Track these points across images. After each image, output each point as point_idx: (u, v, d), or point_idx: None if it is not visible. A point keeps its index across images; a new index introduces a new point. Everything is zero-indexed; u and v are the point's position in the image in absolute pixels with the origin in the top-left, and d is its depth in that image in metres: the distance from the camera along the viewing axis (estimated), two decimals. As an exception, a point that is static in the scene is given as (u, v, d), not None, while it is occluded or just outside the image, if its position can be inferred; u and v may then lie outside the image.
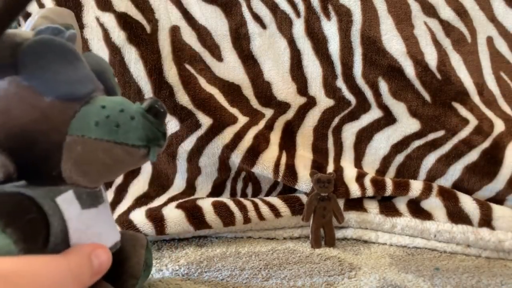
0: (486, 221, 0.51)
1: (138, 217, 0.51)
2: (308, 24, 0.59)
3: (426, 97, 0.57)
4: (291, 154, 0.59)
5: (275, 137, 0.60)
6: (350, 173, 0.58)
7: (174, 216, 0.51)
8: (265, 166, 0.56)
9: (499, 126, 0.57)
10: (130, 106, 0.26)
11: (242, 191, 0.60)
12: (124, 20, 0.55)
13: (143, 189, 0.58)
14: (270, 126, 0.60)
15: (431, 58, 0.57)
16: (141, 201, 0.56)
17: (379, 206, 0.55)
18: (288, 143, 0.60)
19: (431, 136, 0.57)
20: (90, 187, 0.27)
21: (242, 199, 0.55)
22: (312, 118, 0.60)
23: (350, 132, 0.60)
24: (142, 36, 0.56)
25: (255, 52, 0.60)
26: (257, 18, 0.59)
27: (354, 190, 0.55)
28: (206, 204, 0.53)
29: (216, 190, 0.60)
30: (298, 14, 0.59)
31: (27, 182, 0.25)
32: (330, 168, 0.59)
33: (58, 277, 0.21)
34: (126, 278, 0.31)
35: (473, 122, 0.57)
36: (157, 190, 0.59)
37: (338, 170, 0.58)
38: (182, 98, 0.56)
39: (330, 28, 0.59)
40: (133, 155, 0.26)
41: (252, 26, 0.59)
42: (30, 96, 0.24)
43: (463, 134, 0.56)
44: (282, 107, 0.60)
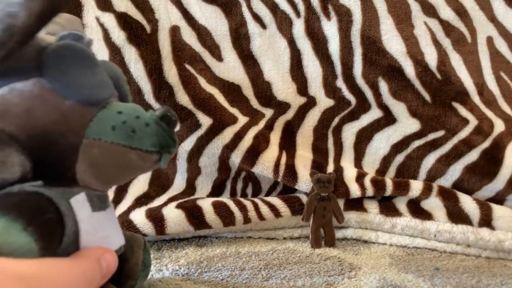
0: (486, 221, 0.51)
1: (138, 217, 0.51)
2: (308, 24, 0.59)
3: (426, 97, 0.57)
4: (291, 154, 0.59)
5: (275, 137, 0.60)
6: (350, 173, 0.58)
7: (174, 216, 0.51)
8: (265, 166, 0.56)
9: (499, 126, 0.57)
10: (144, 113, 0.28)
11: (242, 191, 0.60)
12: (124, 20, 0.55)
13: (143, 189, 0.58)
14: (270, 126, 0.60)
15: (431, 58, 0.57)
16: (141, 201, 0.56)
17: (379, 206, 0.55)
18: (288, 143, 0.60)
19: (431, 136, 0.57)
20: (100, 190, 0.28)
21: (242, 199, 0.55)
22: (312, 118, 0.60)
23: (350, 132, 0.60)
24: (142, 36, 0.56)
25: (255, 52, 0.60)
26: (257, 18, 0.59)
27: (354, 190, 0.55)
28: (206, 204, 0.53)
29: (216, 190, 0.60)
30: (298, 14, 0.59)
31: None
32: (330, 168, 0.59)
33: (74, 280, 0.21)
34: (124, 279, 0.32)
35: (473, 122, 0.57)
36: (157, 190, 0.59)
37: (338, 170, 0.58)
38: (182, 98, 0.56)
39: (330, 28, 0.59)
40: (146, 161, 0.27)
41: (252, 26, 0.59)
42: (53, 98, 0.25)
43: (463, 134, 0.56)
44: (282, 107, 0.60)
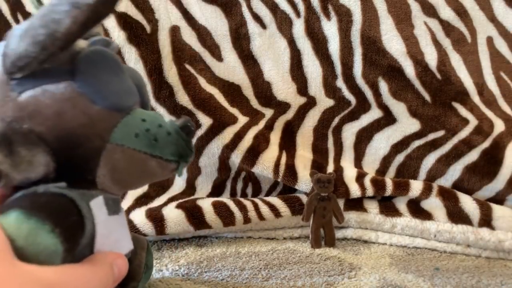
0: (486, 221, 0.51)
1: (138, 217, 0.51)
2: (308, 24, 0.59)
3: (426, 97, 0.57)
4: (291, 154, 0.59)
5: (275, 137, 0.60)
6: (350, 173, 0.58)
7: (174, 216, 0.51)
8: (265, 166, 0.56)
9: (499, 126, 0.57)
10: (165, 122, 0.28)
11: (242, 191, 0.60)
12: (124, 20, 0.55)
13: (143, 189, 0.58)
14: (270, 126, 0.60)
15: (431, 58, 0.57)
16: (141, 201, 0.56)
17: (379, 206, 0.55)
18: (288, 143, 0.60)
19: (431, 136, 0.57)
20: (115, 194, 0.28)
21: (242, 199, 0.55)
22: (312, 118, 0.60)
23: (350, 132, 0.60)
24: (142, 36, 0.56)
25: (255, 52, 0.60)
26: (257, 18, 0.59)
27: (354, 190, 0.55)
28: (206, 204, 0.53)
29: (216, 190, 0.60)
30: (298, 14, 0.59)
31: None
32: (330, 168, 0.59)
33: (92, 286, 0.23)
34: (127, 281, 0.32)
35: (473, 122, 0.57)
36: (157, 190, 0.59)
37: (338, 170, 0.58)
38: (182, 98, 0.56)
39: (330, 28, 0.59)
40: (164, 169, 0.28)
41: (252, 26, 0.59)
42: (82, 102, 0.25)
43: (463, 134, 0.56)
44: (282, 107, 0.60)
